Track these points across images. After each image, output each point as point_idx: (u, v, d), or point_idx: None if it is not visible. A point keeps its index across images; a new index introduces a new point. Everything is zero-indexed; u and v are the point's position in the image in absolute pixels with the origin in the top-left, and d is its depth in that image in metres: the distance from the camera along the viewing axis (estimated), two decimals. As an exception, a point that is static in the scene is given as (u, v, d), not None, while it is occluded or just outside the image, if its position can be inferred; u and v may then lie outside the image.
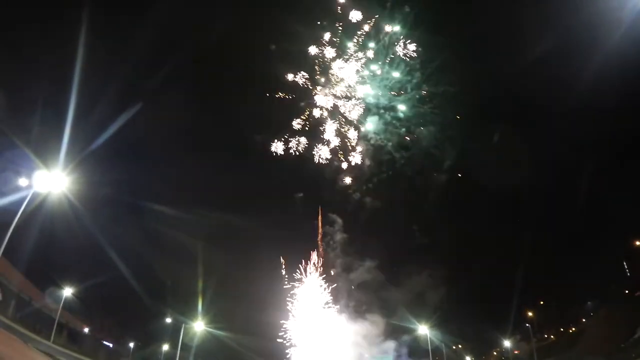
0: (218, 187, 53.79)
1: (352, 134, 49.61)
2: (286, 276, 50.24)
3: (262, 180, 53.56)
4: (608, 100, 41.41)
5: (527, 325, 53.63)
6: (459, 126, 49.01)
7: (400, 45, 46.41)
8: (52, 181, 28.14)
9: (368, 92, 48.42)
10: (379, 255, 52.16)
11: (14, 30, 35.16)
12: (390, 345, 48.84)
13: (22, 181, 29.89)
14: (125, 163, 48.95)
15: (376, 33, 46.78)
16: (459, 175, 52.76)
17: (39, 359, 33.74)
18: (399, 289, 52.39)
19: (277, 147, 48.43)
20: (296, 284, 50.27)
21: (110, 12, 40.16)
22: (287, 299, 49.80)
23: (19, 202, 26.98)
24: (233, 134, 54.26)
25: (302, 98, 48.32)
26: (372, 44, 46.96)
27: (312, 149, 48.97)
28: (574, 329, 53.76)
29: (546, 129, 49.57)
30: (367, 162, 50.69)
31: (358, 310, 52.47)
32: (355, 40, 46.91)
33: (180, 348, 50.38)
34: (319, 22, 46.86)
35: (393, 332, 50.84)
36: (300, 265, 50.91)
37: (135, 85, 44.43)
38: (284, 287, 50.01)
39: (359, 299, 52.38)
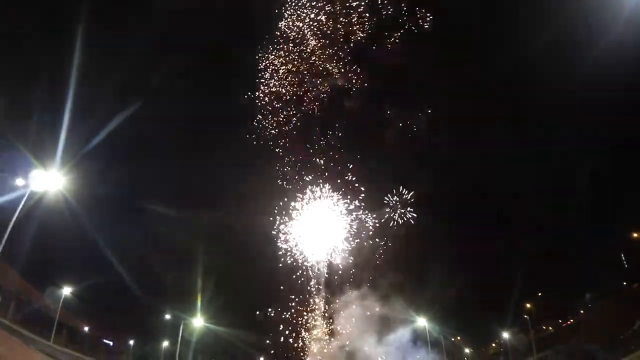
0: (217, 185, 53.55)
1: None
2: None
3: (262, 178, 53.22)
4: (609, 93, 41.26)
5: (526, 317, 54.08)
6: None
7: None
8: (49, 180, 27.86)
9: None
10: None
11: (10, 29, 34.45)
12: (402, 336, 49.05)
13: (19, 181, 29.58)
14: (123, 162, 48.51)
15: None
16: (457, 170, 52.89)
17: (40, 359, 33.70)
18: (398, 283, 52.63)
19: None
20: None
21: (108, 10, 39.47)
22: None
23: (15, 202, 26.76)
24: (234, 133, 53.72)
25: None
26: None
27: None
28: (572, 320, 54.13)
29: (544, 122, 49.62)
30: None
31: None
32: None
33: (180, 344, 50.56)
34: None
35: (393, 324, 51.29)
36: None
37: (133, 84, 43.81)
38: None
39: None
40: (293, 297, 49.32)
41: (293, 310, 48.89)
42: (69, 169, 29.74)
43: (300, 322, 49.39)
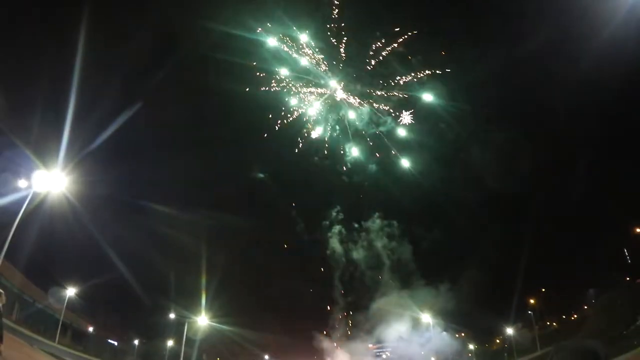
0: (219, 184, 53.55)
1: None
2: None
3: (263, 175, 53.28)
4: (610, 87, 41.03)
5: (529, 312, 54.14)
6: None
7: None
8: (51, 181, 27.66)
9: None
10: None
11: (12, 29, 34.32)
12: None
13: (21, 182, 29.41)
14: (125, 162, 48.33)
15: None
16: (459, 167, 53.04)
17: (45, 360, 33.65)
18: (402, 279, 52.83)
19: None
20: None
21: (110, 11, 39.26)
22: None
23: (18, 203, 26.57)
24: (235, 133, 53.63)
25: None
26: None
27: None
28: (575, 316, 54.21)
29: (544, 118, 49.58)
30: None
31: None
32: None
33: (185, 343, 50.58)
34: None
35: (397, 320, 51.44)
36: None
37: (135, 84, 43.68)
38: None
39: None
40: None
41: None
42: (72, 170, 29.49)
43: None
